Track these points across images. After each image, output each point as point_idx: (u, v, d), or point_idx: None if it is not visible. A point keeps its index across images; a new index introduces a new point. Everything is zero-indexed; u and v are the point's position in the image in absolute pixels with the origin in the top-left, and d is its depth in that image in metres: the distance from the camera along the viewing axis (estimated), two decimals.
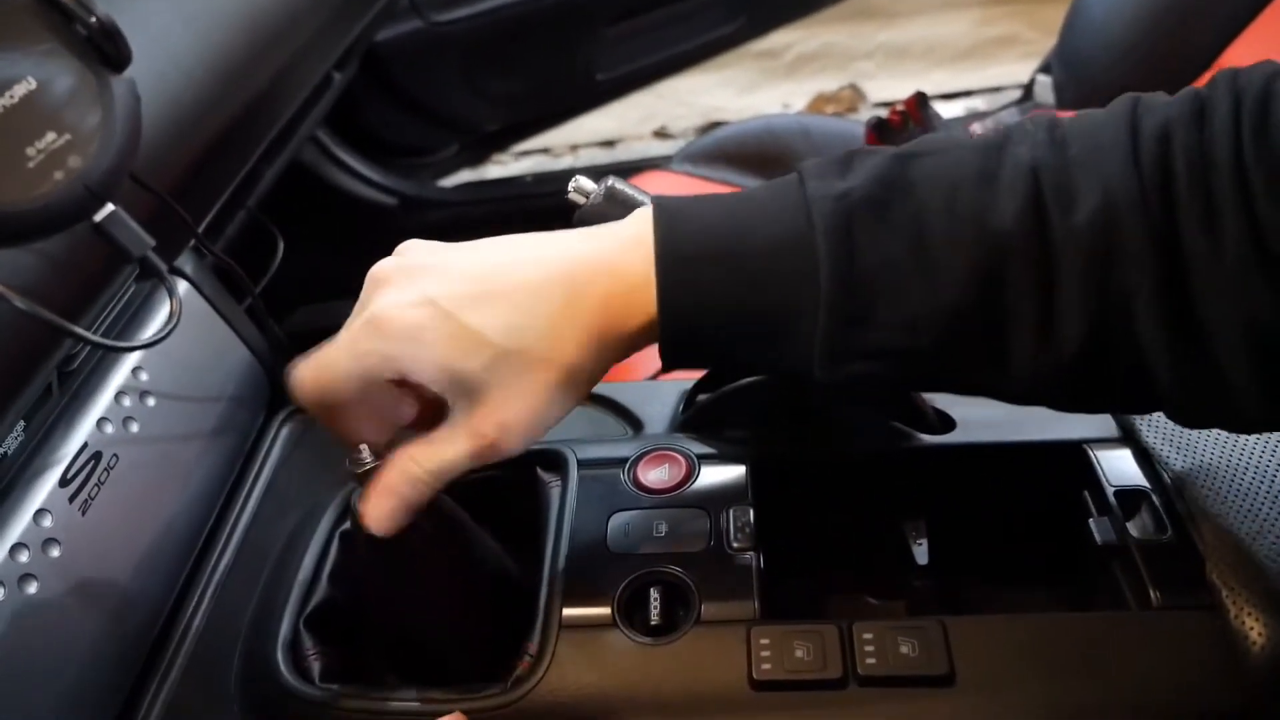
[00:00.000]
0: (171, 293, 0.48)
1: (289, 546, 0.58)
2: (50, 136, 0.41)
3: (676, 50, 1.56)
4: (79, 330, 0.44)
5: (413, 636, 0.52)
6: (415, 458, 0.43)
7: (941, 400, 0.58)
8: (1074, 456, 0.54)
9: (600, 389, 0.65)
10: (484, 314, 0.40)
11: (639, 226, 0.41)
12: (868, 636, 0.45)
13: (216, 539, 0.60)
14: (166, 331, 0.49)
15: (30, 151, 0.40)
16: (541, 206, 1.49)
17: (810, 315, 0.38)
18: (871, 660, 0.44)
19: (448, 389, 0.41)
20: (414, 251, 0.44)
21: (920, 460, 0.56)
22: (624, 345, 0.42)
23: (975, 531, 0.58)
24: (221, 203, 0.71)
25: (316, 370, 0.43)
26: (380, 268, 0.43)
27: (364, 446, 0.45)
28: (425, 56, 1.42)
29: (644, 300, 0.40)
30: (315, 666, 0.50)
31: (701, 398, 0.61)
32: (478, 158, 1.80)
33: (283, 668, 0.49)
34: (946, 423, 0.56)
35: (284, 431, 0.66)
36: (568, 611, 0.49)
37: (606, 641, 0.47)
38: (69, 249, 0.48)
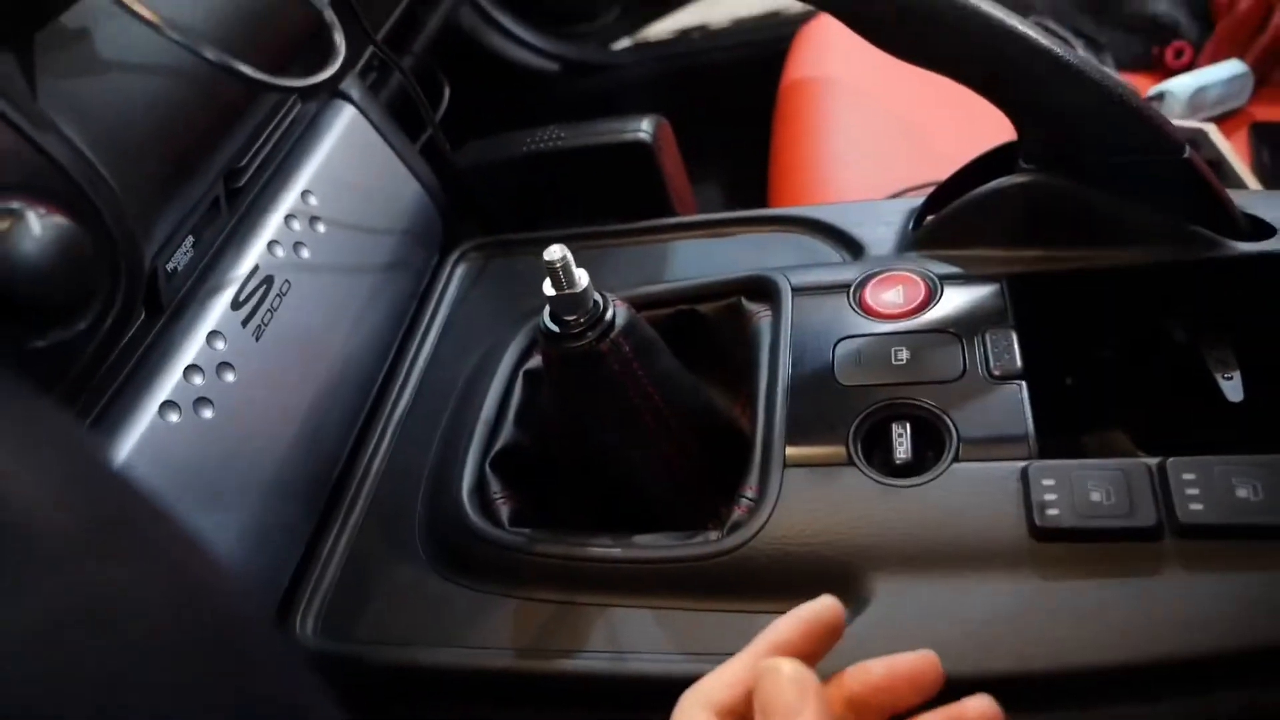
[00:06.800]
0: (332, 27, 0.43)
1: (470, 386, 0.53)
2: None
3: None
4: (243, 67, 0.39)
5: (609, 476, 0.46)
6: None
7: (1256, 204, 0.46)
8: None
9: (810, 211, 0.56)
10: None
11: None
12: (1189, 477, 0.35)
13: (395, 378, 0.55)
14: (332, 72, 0.44)
15: None
16: (710, 62, 1.38)
17: None
18: (1197, 506, 0.34)
19: None
20: None
21: (1228, 272, 0.44)
22: None
23: None
24: (394, 20, 0.65)
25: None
26: None
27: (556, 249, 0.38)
28: None
29: None
30: (504, 511, 0.45)
31: (931, 218, 0.51)
32: (640, 22, 1.69)
33: (470, 512, 0.44)
34: (1261, 228, 0.45)
35: (460, 269, 0.61)
36: (792, 450, 0.41)
37: (842, 482, 0.40)
38: None
